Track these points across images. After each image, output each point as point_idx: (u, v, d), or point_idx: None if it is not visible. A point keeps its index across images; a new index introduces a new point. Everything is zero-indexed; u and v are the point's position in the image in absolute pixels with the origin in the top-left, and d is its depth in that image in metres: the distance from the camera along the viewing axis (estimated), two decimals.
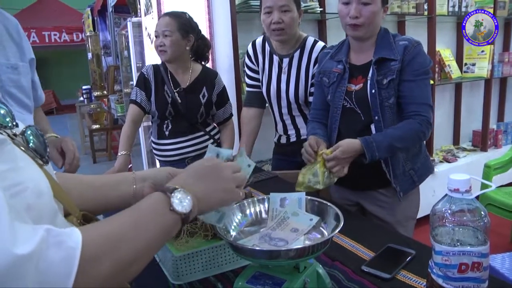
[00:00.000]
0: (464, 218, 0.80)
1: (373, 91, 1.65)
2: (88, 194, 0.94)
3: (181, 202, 0.72)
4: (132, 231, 0.66)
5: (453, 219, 0.80)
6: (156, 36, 2.19)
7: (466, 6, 3.77)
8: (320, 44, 2.13)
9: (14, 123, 0.72)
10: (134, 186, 0.98)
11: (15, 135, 0.70)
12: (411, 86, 1.64)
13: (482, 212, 0.80)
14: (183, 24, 2.22)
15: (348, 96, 1.73)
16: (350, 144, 1.57)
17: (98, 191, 0.97)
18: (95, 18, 7.60)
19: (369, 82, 1.67)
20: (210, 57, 2.53)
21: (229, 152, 0.94)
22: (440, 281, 0.83)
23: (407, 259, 1.12)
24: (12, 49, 1.45)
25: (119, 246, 0.63)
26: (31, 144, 0.71)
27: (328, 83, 1.79)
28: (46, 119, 1.70)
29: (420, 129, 1.63)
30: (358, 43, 1.73)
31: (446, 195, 0.83)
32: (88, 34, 7.77)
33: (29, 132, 0.73)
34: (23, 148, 0.69)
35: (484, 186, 2.27)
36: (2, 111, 0.71)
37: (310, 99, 2.14)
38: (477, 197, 0.82)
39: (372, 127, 1.69)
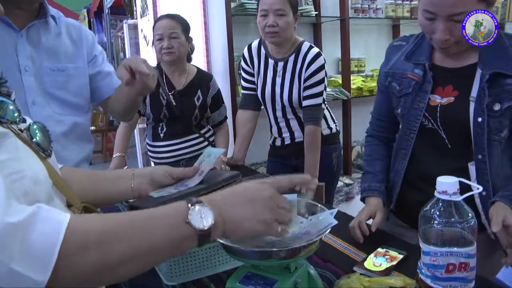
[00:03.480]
0: (452, 219, 0.82)
1: (480, 119, 1.19)
2: (89, 187, 0.98)
3: (201, 217, 0.66)
4: (131, 232, 0.64)
5: (441, 220, 0.82)
6: (159, 39, 2.20)
7: None
8: (315, 49, 2.14)
9: (21, 118, 0.79)
10: (132, 181, 1.01)
11: (20, 130, 0.76)
12: None
13: (469, 214, 0.82)
14: (186, 26, 2.28)
15: (430, 112, 1.28)
16: (501, 209, 1.13)
17: (98, 184, 1.01)
18: (91, 20, 7.60)
19: (473, 105, 1.21)
20: (205, 59, 2.54)
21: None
22: (428, 281, 0.85)
23: (398, 260, 1.14)
24: (67, 52, 1.49)
25: (111, 241, 0.61)
26: (36, 138, 0.78)
27: (399, 92, 1.35)
28: None
29: None
30: None
31: (435, 197, 0.85)
32: (87, 28, 7.74)
33: (35, 127, 0.79)
34: (26, 142, 0.75)
35: None
36: (11, 107, 0.77)
37: (303, 102, 2.14)
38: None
39: (471, 168, 1.24)
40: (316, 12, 3.21)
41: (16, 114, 0.77)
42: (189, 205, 0.67)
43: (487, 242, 1.22)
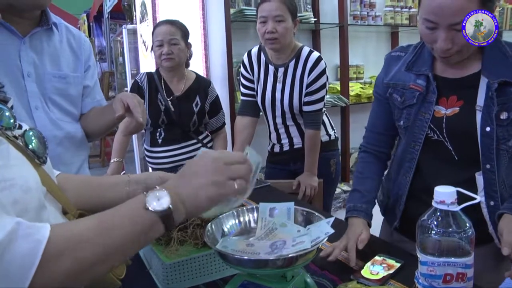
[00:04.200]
0: (450, 229, 0.81)
1: (488, 129, 1.18)
2: (84, 194, 0.98)
3: (158, 200, 0.69)
4: (100, 232, 0.66)
5: (438, 230, 0.82)
6: (159, 45, 2.21)
7: None
8: (316, 54, 2.15)
9: (17, 124, 0.79)
10: (127, 188, 1.00)
11: (15, 137, 0.76)
12: None
13: (467, 224, 0.82)
14: (185, 32, 2.29)
15: (435, 123, 1.26)
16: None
17: (94, 191, 1.00)
18: (91, 24, 7.62)
19: (479, 114, 1.19)
20: (203, 65, 2.55)
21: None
22: None
23: (395, 269, 1.13)
24: (68, 60, 1.52)
25: (83, 246, 0.64)
26: (31, 145, 0.78)
27: (401, 103, 1.32)
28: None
29: None
30: None
31: (432, 206, 0.85)
32: (87, 38, 7.75)
33: (30, 134, 0.79)
34: (20, 148, 0.75)
35: None
36: (7, 113, 0.77)
37: (305, 108, 2.15)
38: None
39: (479, 178, 1.23)
40: (315, 19, 3.23)
41: (11, 121, 0.78)
42: (145, 192, 0.70)
43: (494, 253, 1.18)
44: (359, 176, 1.44)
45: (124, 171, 2.57)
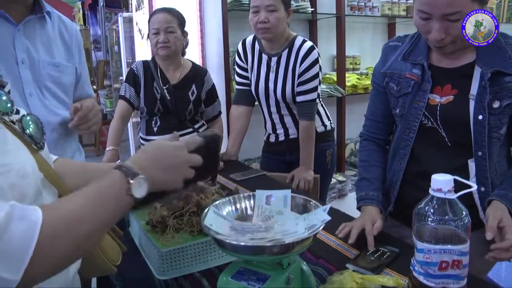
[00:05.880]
0: (446, 217, 0.82)
1: (481, 117, 1.21)
2: (81, 180, 0.97)
3: (139, 187, 0.75)
4: (89, 212, 0.69)
5: (435, 218, 0.82)
6: (156, 33, 2.19)
7: None
8: (308, 43, 2.13)
9: (14, 109, 0.79)
10: None
11: (12, 122, 0.76)
12: None
13: (463, 212, 0.82)
14: (182, 20, 2.27)
15: (430, 111, 1.29)
16: (498, 210, 1.14)
17: (90, 177, 0.99)
18: (86, 12, 7.55)
19: (472, 103, 1.23)
20: (200, 54, 2.53)
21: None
22: (421, 278, 0.85)
23: (391, 258, 1.14)
24: (60, 49, 1.54)
25: (76, 226, 0.67)
26: (28, 130, 0.78)
27: (397, 92, 1.36)
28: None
29: None
30: None
31: (428, 194, 0.85)
32: (78, 28, 7.68)
33: (28, 119, 0.79)
34: (17, 134, 0.75)
35: None
36: (4, 97, 0.77)
37: (298, 98, 2.14)
38: None
39: (471, 165, 1.27)
40: (312, 9, 3.20)
41: (9, 105, 0.77)
42: (129, 179, 0.74)
43: (484, 238, 1.18)
44: (364, 165, 1.48)
45: (119, 160, 2.56)
